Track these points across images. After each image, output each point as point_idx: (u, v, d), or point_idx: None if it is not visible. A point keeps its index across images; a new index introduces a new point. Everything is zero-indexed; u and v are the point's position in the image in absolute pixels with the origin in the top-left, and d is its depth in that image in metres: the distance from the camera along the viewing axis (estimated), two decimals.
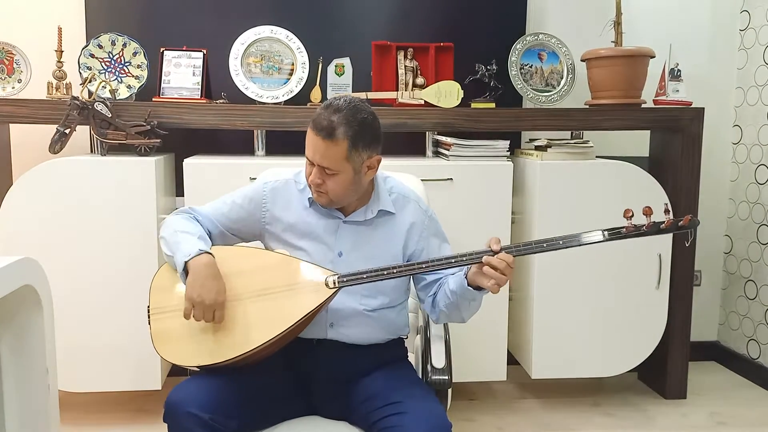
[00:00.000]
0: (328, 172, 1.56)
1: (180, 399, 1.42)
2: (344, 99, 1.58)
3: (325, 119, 1.53)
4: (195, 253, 1.53)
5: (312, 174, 1.58)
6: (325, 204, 1.63)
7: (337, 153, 1.53)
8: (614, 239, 1.52)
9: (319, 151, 1.54)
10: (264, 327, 1.51)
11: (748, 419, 2.63)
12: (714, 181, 3.11)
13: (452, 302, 1.62)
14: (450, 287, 1.62)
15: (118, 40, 2.53)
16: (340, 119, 1.53)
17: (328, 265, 1.62)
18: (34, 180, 2.29)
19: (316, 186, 1.58)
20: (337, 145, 1.53)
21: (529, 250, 1.53)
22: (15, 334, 1.38)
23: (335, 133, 1.52)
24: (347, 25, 2.81)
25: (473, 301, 1.60)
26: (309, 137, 1.56)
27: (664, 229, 1.51)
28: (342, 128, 1.52)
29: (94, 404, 2.62)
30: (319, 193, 1.60)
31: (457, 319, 1.68)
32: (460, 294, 1.58)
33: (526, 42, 2.74)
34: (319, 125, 1.53)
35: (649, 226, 1.50)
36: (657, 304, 2.62)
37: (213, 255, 1.56)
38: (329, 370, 1.62)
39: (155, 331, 1.56)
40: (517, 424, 2.56)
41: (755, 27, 2.99)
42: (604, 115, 2.63)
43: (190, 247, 1.55)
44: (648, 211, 1.49)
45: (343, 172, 1.56)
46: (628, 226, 1.51)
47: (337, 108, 1.54)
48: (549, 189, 2.51)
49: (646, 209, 1.49)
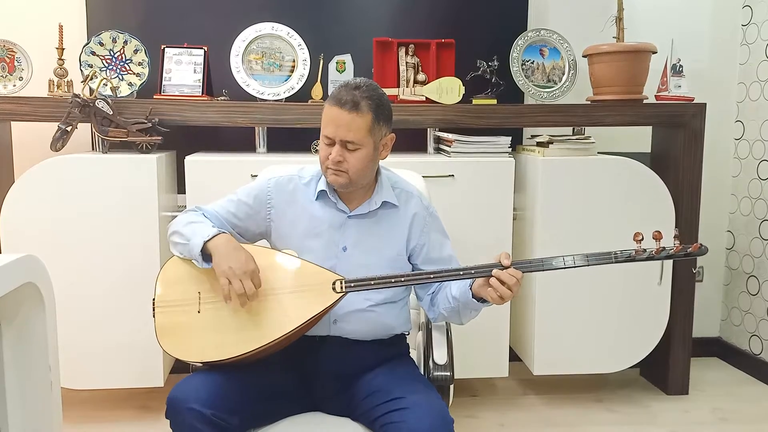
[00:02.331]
0: (350, 147, 1.57)
1: (182, 395, 1.42)
2: (359, 79, 1.61)
3: (347, 94, 1.56)
4: (213, 233, 1.54)
5: (333, 152, 1.57)
6: (343, 184, 1.62)
7: (362, 125, 1.56)
8: (623, 262, 1.51)
9: (344, 123, 1.55)
10: (269, 327, 1.51)
11: (750, 415, 2.63)
12: (716, 177, 3.10)
13: (453, 308, 1.64)
14: (453, 293, 1.63)
15: (119, 37, 2.53)
16: (362, 93, 1.56)
17: (332, 259, 1.63)
18: (36, 178, 2.29)
19: (337, 165, 1.58)
20: (362, 117, 1.56)
21: (538, 267, 1.53)
22: (17, 331, 1.38)
23: (360, 105, 1.55)
24: (348, 21, 2.81)
25: (475, 311, 1.62)
26: (330, 114, 1.57)
27: (673, 255, 1.52)
28: (365, 101, 1.56)
29: (97, 401, 2.63)
30: (338, 173, 1.60)
31: (455, 322, 1.71)
32: (463, 303, 1.60)
33: (528, 38, 2.73)
34: (341, 99, 1.55)
35: (658, 251, 1.51)
36: (659, 300, 2.62)
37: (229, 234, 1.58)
38: (331, 367, 1.62)
39: (159, 325, 1.55)
40: (519, 421, 2.56)
41: (757, 22, 2.98)
42: (606, 111, 2.62)
43: (207, 230, 1.56)
44: (658, 235, 1.49)
45: (365, 146, 1.58)
46: (637, 249, 1.51)
47: (356, 85, 1.58)
48: (551, 185, 2.51)
49: (656, 234, 1.49)
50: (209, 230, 1.56)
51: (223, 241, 1.54)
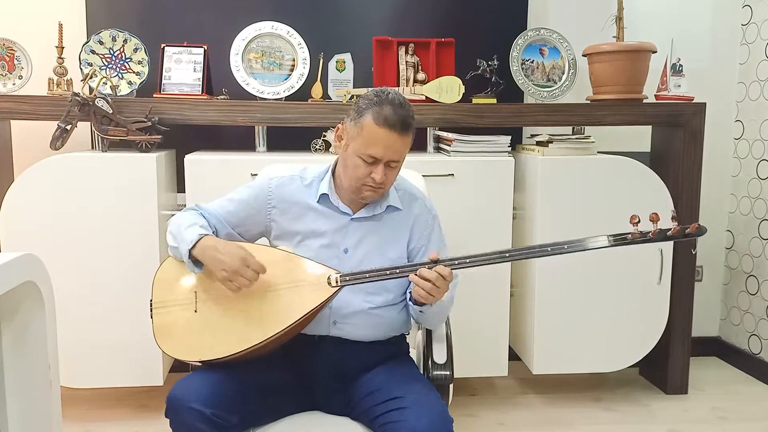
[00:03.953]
0: (393, 165, 1.59)
1: (182, 394, 1.42)
2: (392, 91, 1.60)
3: (395, 115, 1.55)
4: (195, 239, 1.54)
5: (378, 173, 1.57)
6: (378, 198, 1.65)
7: (407, 144, 1.61)
8: (619, 245, 1.50)
9: (395, 146, 1.56)
10: (266, 323, 1.51)
11: (749, 414, 2.63)
12: (716, 177, 3.10)
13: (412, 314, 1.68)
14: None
15: (118, 36, 2.53)
16: (406, 111, 1.58)
17: (334, 261, 1.63)
18: (36, 176, 2.29)
19: (378, 185, 1.59)
20: (410, 137, 1.60)
21: (533, 254, 1.54)
22: (17, 330, 1.38)
23: (411, 126, 1.58)
24: (348, 20, 2.80)
25: (422, 313, 1.63)
26: (380, 136, 1.55)
27: (671, 236, 1.49)
28: (412, 121, 1.59)
29: (97, 400, 2.63)
30: (376, 190, 1.61)
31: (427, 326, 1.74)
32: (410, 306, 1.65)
33: (528, 37, 2.73)
34: (392, 121, 1.54)
35: (655, 233, 1.49)
36: (658, 300, 2.62)
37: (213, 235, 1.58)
38: (331, 366, 1.62)
39: (157, 326, 1.56)
40: (519, 420, 2.56)
41: (757, 22, 2.98)
42: (606, 111, 2.62)
43: (191, 234, 1.56)
44: (655, 217, 1.48)
45: (402, 160, 1.62)
46: (633, 232, 1.50)
47: (399, 102, 1.57)
48: (550, 184, 2.51)
49: (653, 215, 1.48)
50: (193, 234, 1.55)
51: (207, 245, 1.53)
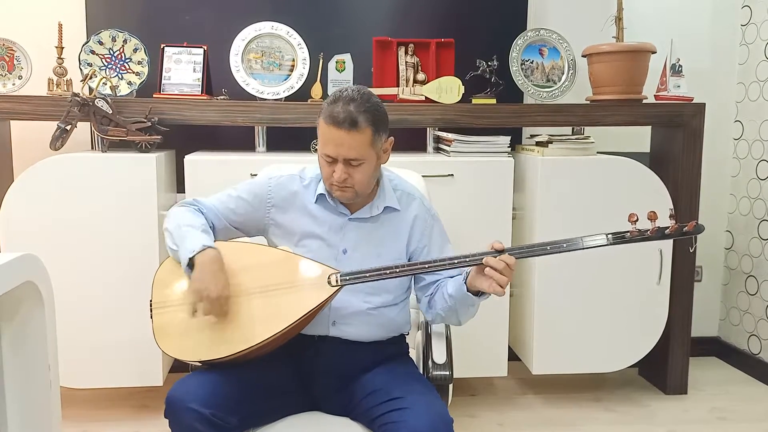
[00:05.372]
0: (354, 164, 1.55)
1: (181, 395, 1.42)
2: (350, 89, 1.57)
3: (342, 111, 1.51)
4: (199, 249, 1.52)
5: (336, 171, 1.55)
6: (350, 199, 1.62)
7: (362, 141, 1.53)
8: (618, 243, 1.50)
9: (345, 143, 1.52)
10: (265, 323, 1.51)
11: (748, 414, 2.63)
12: (715, 177, 3.11)
13: (450, 306, 1.63)
14: (448, 291, 1.62)
15: (118, 36, 2.53)
16: (358, 107, 1.52)
17: (332, 261, 1.62)
18: (35, 177, 2.29)
19: (342, 182, 1.56)
20: (363, 133, 1.52)
21: (532, 252, 1.53)
22: (17, 330, 1.38)
23: (358, 122, 1.51)
24: (348, 21, 2.80)
25: (471, 306, 1.61)
26: (327, 134, 1.53)
27: (669, 234, 1.49)
28: (363, 116, 1.52)
29: (96, 400, 2.63)
30: (344, 189, 1.58)
31: (453, 322, 1.70)
32: (459, 299, 1.59)
33: (527, 38, 2.73)
34: (338, 118, 1.51)
35: (653, 231, 1.49)
36: (658, 300, 2.62)
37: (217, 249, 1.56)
38: (331, 367, 1.62)
39: (157, 326, 1.55)
40: (518, 420, 2.56)
41: (756, 22, 2.98)
42: (605, 111, 2.62)
43: (194, 243, 1.54)
44: (653, 215, 1.48)
45: (368, 159, 1.56)
46: (632, 230, 1.49)
47: (350, 98, 1.53)
48: (550, 185, 2.51)
49: (651, 214, 1.48)
50: (196, 243, 1.53)
51: (207, 259, 1.51)
